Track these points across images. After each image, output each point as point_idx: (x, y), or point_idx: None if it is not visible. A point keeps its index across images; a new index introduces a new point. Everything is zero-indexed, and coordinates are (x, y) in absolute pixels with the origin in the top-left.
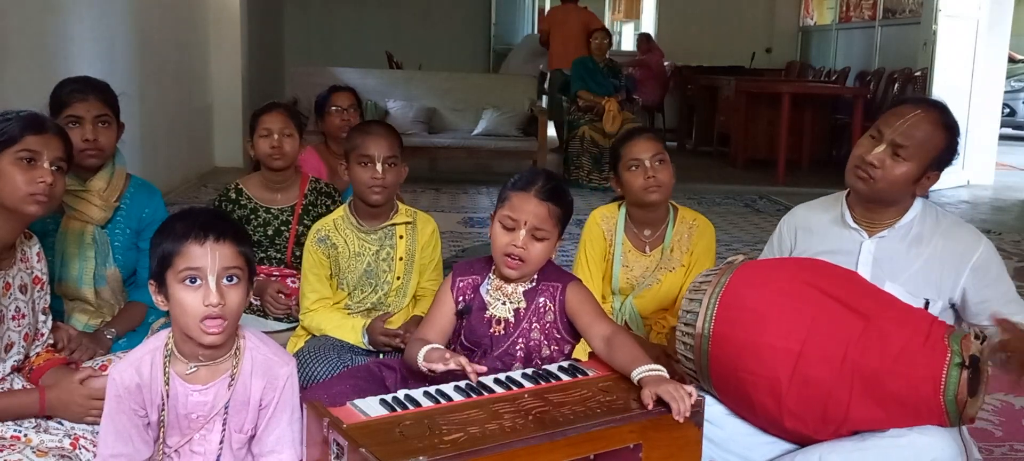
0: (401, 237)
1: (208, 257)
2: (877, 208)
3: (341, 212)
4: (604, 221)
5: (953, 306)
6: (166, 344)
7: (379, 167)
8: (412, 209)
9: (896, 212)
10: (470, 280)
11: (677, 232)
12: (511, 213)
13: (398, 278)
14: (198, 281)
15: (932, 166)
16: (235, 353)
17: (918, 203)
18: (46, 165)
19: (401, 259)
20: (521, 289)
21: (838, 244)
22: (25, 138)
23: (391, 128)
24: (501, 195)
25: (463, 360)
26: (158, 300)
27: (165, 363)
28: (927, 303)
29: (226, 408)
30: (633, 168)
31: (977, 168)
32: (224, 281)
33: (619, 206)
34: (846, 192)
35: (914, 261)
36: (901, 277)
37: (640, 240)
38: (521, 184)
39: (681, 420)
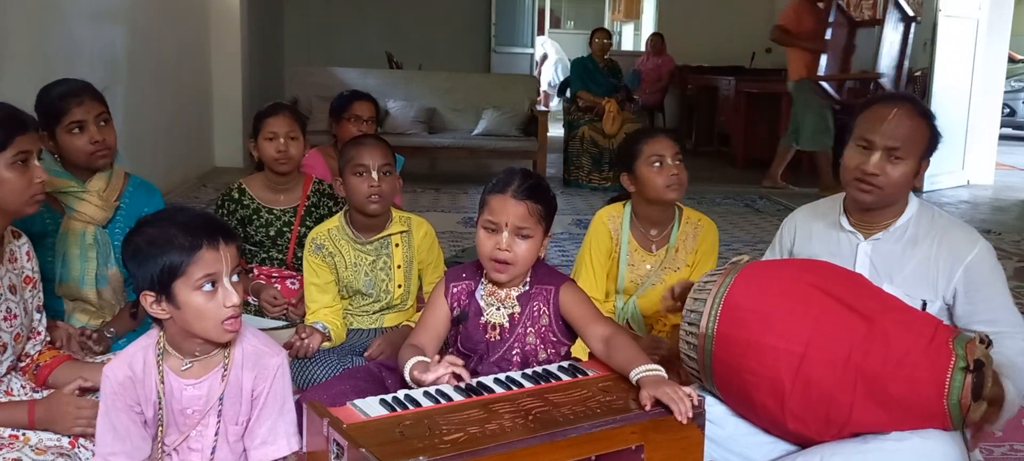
0: (397, 245)
1: (222, 260)
2: (875, 211)
3: (337, 221)
4: (611, 220)
5: (947, 307)
6: (158, 342)
7: (375, 175)
8: (406, 215)
9: (893, 212)
10: (464, 286)
11: (682, 232)
12: (491, 216)
13: (399, 286)
14: (215, 285)
15: (923, 156)
16: (226, 345)
17: (914, 203)
18: (37, 163)
19: (400, 267)
20: (515, 293)
21: (835, 248)
22: (16, 140)
23: (383, 139)
24: (481, 200)
25: (450, 358)
26: (157, 310)
27: (158, 361)
28: (924, 304)
29: (220, 401)
30: (656, 164)
31: (977, 168)
32: (234, 278)
33: (624, 205)
34: (843, 195)
35: (909, 261)
36: (898, 278)
37: (647, 239)
38: (498, 186)
39: (684, 421)
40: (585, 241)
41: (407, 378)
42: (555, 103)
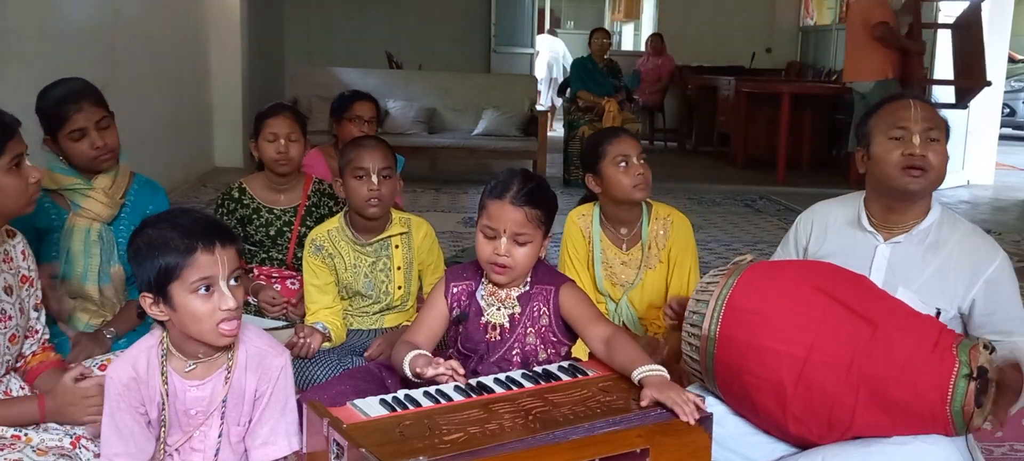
0: (397, 246)
1: (218, 264)
2: (902, 209)
3: (337, 222)
4: (581, 219)
5: (961, 315)
6: (161, 342)
7: (375, 178)
8: (406, 217)
9: (917, 213)
10: (464, 286)
11: (652, 229)
12: (489, 222)
13: (399, 287)
14: (210, 288)
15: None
16: (230, 346)
17: (937, 208)
18: (28, 163)
19: (399, 268)
20: (515, 294)
21: (852, 246)
22: (8, 146)
23: (384, 141)
24: (480, 202)
25: (454, 364)
26: (156, 311)
27: (162, 362)
28: (938, 313)
29: (224, 402)
30: (621, 165)
31: (977, 168)
32: (231, 282)
33: (593, 205)
34: (863, 194)
35: (927, 267)
36: (914, 284)
37: (618, 238)
38: (496, 191)
39: (692, 422)
40: (562, 244)
41: (406, 371)
42: (546, 99)
